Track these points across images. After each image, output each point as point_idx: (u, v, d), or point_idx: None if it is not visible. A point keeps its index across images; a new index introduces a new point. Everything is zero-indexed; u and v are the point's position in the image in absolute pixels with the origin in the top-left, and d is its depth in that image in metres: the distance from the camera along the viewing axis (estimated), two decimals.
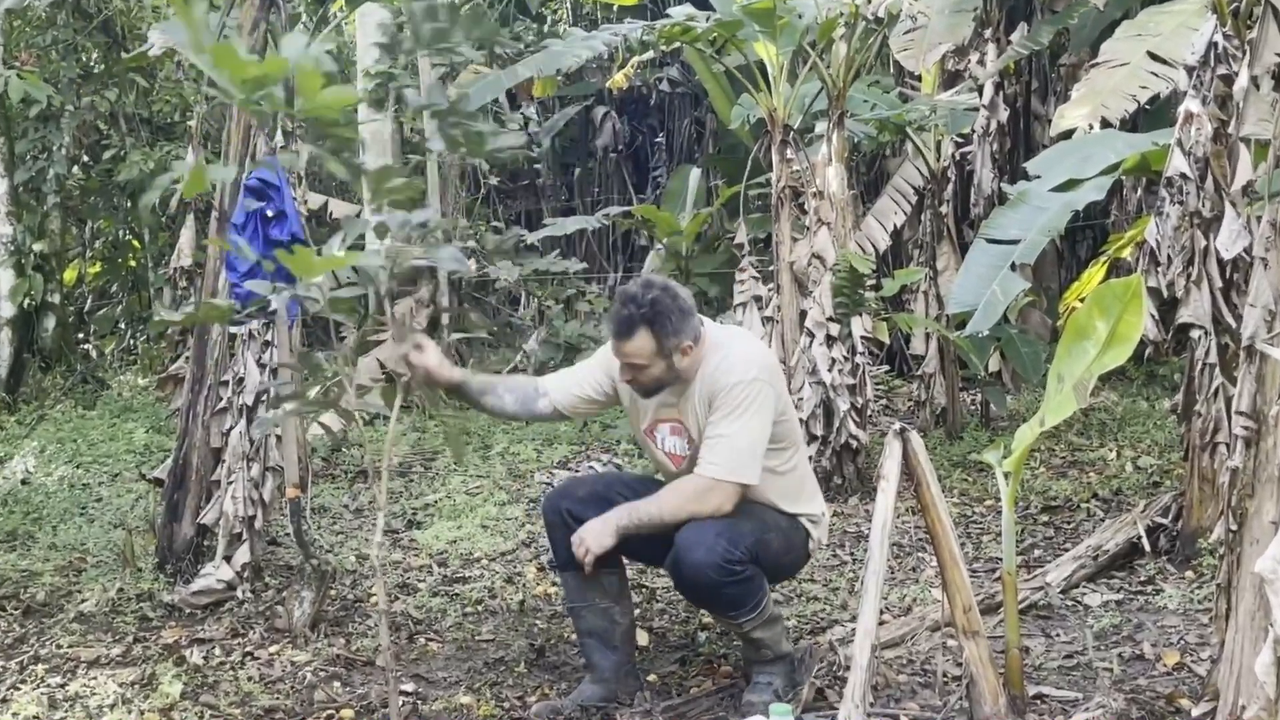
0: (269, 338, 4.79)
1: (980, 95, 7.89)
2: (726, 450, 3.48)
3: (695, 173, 10.31)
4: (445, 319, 9.12)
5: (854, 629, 3.23)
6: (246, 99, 2.31)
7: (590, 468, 6.86)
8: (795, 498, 3.69)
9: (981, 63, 8.11)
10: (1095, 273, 6.40)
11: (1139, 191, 8.08)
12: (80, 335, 10.41)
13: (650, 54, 11.58)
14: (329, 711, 3.68)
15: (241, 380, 4.77)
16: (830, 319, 6.10)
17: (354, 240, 2.91)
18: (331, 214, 9.59)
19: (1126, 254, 6.30)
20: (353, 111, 8.32)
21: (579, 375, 3.81)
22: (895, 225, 8.64)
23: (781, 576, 3.90)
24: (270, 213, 4.54)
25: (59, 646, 4.24)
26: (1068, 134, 6.13)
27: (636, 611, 4.36)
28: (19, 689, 3.86)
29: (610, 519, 3.51)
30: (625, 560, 3.83)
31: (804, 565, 3.93)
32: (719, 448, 3.49)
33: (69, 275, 10.53)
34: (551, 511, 3.71)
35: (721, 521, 3.45)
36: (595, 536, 3.49)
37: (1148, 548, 4.67)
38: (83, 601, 4.66)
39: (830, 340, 6.08)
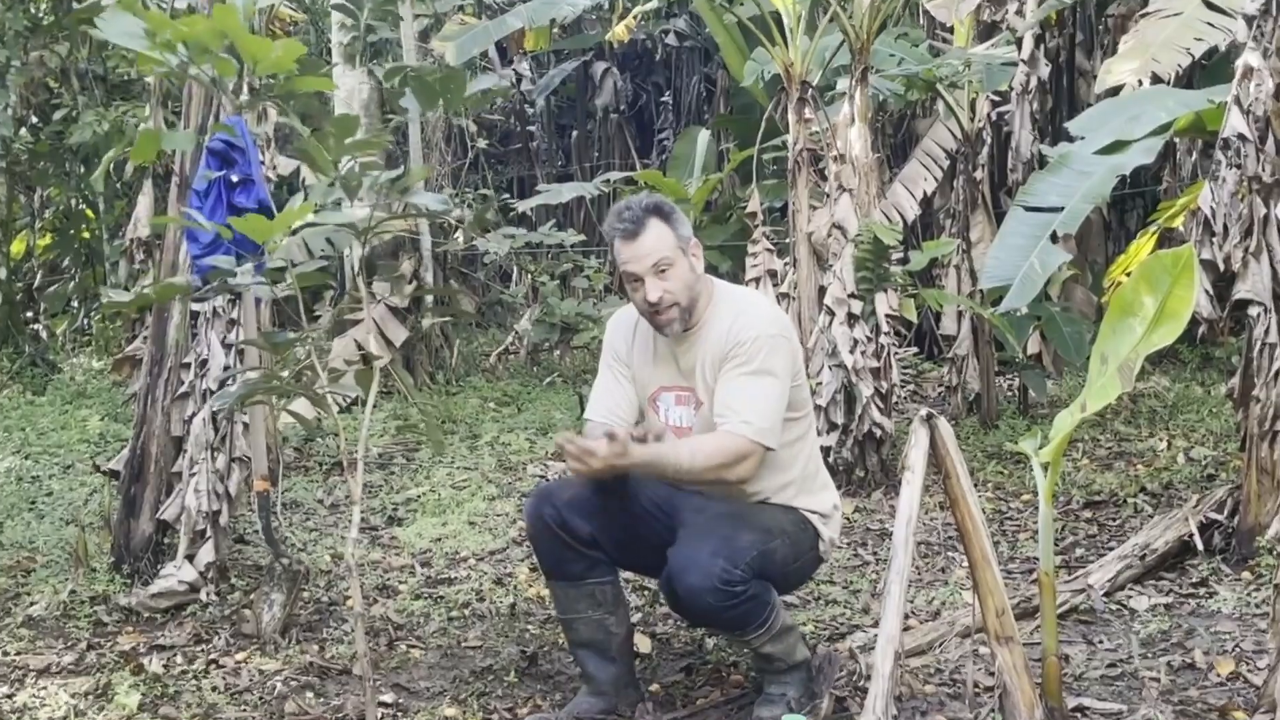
0: (235, 315, 4.80)
1: (1019, 49, 7.86)
2: (758, 407, 3.45)
3: (704, 135, 10.29)
4: (429, 297, 9.12)
5: (876, 635, 3.23)
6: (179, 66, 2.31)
7: None
8: (804, 487, 3.67)
9: (1020, 13, 8.06)
10: (1144, 244, 6.39)
11: (1193, 155, 8.06)
12: (29, 314, 10.43)
13: (655, 3, 11.55)
14: None
15: (205, 362, 4.77)
16: (852, 295, 6.10)
17: (319, 202, 2.90)
18: (304, 181, 9.59)
19: (1178, 223, 6.29)
20: (322, 66, 8.30)
21: (609, 387, 3.77)
22: (925, 192, 8.63)
23: (790, 587, 3.86)
24: (235, 178, 4.53)
25: (5, 654, 4.26)
26: (1115, 91, 6.11)
27: (636, 616, 4.37)
28: None
29: (633, 449, 3.39)
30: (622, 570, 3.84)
31: (815, 571, 3.92)
32: (751, 404, 3.45)
33: (16, 248, 10.55)
34: (534, 518, 3.68)
35: (717, 535, 3.42)
36: (606, 457, 3.35)
37: (1200, 546, 4.67)
38: (31, 605, 4.67)
39: (852, 319, 6.08)
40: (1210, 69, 7.43)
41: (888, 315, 6.15)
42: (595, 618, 3.70)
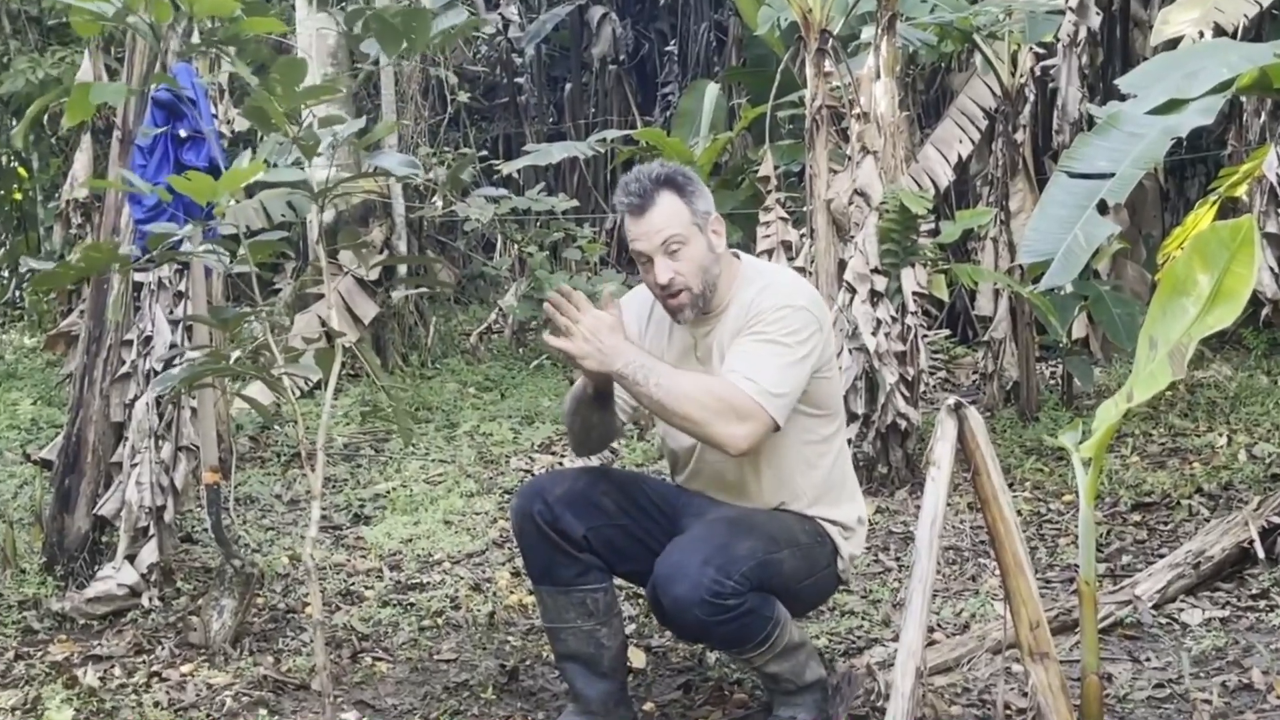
0: (182, 288, 4.80)
1: None
2: (767, 371, 3.38)
3: (713, 89, 10.28)
4: (402, 269, 9.12)
5: (897, 650, 3.24)
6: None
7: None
8: (827, 495, 3.67)
9: None
10: (1203, 215, 6.38)
11: (1261, 116, 8.04)
12: None
13: None
14: None
15: (149, 340, 4.78)
16: (875, 271, 6.10)
17: (270, 159, 2.90)
18: (262, 138, 9.58)
19: (1241, 192, 6.28)
20: (272, 8, 8.29)
21: None
22: (959, 156, 8.61)
23: (803, 607, 3.83)
24: (183, 133, 4.53)
25: None
26: (1173, 44, 6.12)
27: (631, 627, 4.39)
28: None
29: (621, 354, 3.35)
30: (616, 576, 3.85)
31: (833, 591, 3.90)
32: (759, 366, 3.39)
33: None
34: (522, 515, 3.68)
35: (712, 542, 3.40)
36: (592, 353, 3.33)
37: (1261, 554, 4.68)
38: None
39: (875, 297, 6.08)
40: (1279, 20, 7.43)
41: (915, 293, 6.15)
42: (586, 629, 3.71)
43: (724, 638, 3.44)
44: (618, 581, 3.84)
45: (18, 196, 10.36)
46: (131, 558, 4.72)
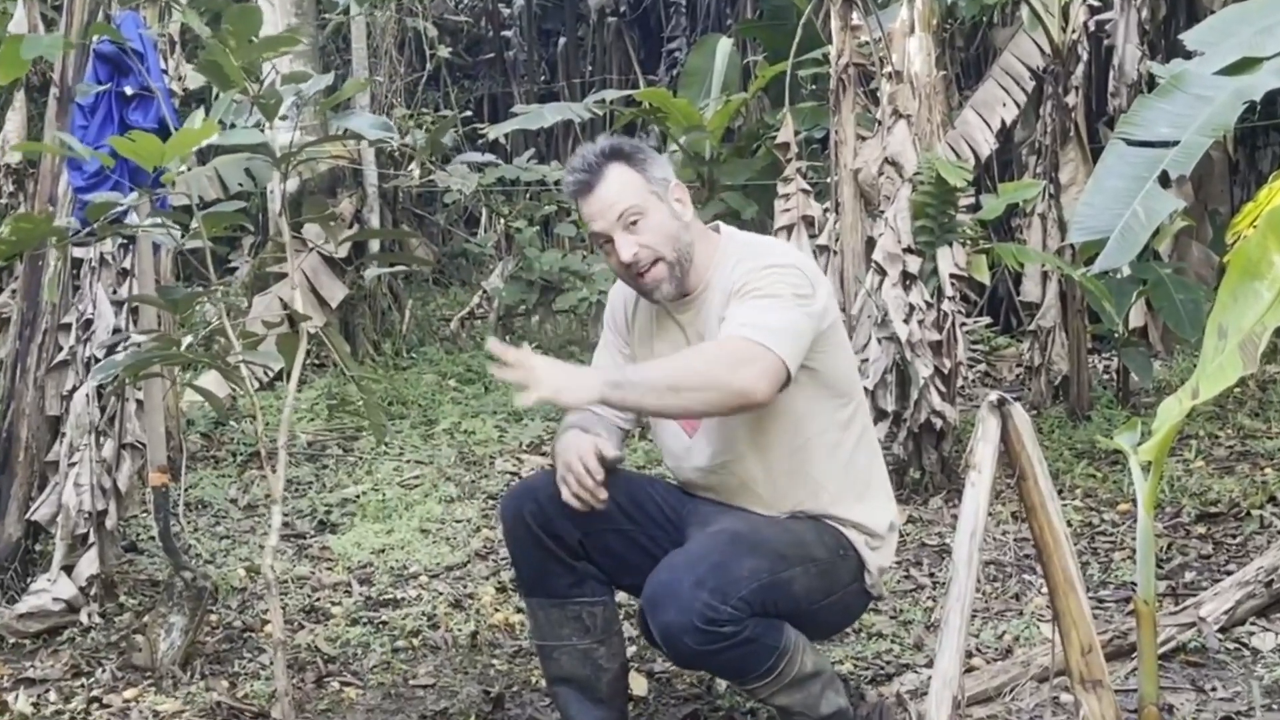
0: (127, 265, 4.79)
1: None
2: (765, 317, 3.38)
3: (725, 45, 10.27)
4: (374, 245, 9.11)
5: (931, 677, 3.24)
6: None
7: None
8: (850, 489, 3.64)
9: None
10: (1277, 189, 6.37)
11: None
12: None
13: None
14: None
15: (89, 323, 4.78)
16: (908, 250, 6.09)
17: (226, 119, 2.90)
18: (218, 96, 9.57)
19: None
20: None
21: (603, 364, 3.82)
22: (1002, 121, 8.59)
23: (825, 629, 3.81)
24: (129, 91, 4.52)
25: None
26: None
27: (630, 649, 4.39)
28: None
29: (595, 374, 3.35)
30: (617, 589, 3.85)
31: (861, 610, 3.87)
32: (747, 315, 3.39)
33: None
34: (512, 517, 3.68)
35: (709, 560, 3.37)
36: (566, 385, 3.29)
37: None
38: None
39: (908, 280, 6.07)
40: None
41: (953, 275, 6.14)
42: (582, 647, 3.71)
43: (722, 667, 3.44)
44: (619, 595, 3.85)
45: None
46: (69, 569, 4.71)
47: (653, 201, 3.55)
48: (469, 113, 11.45)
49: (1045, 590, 3.42)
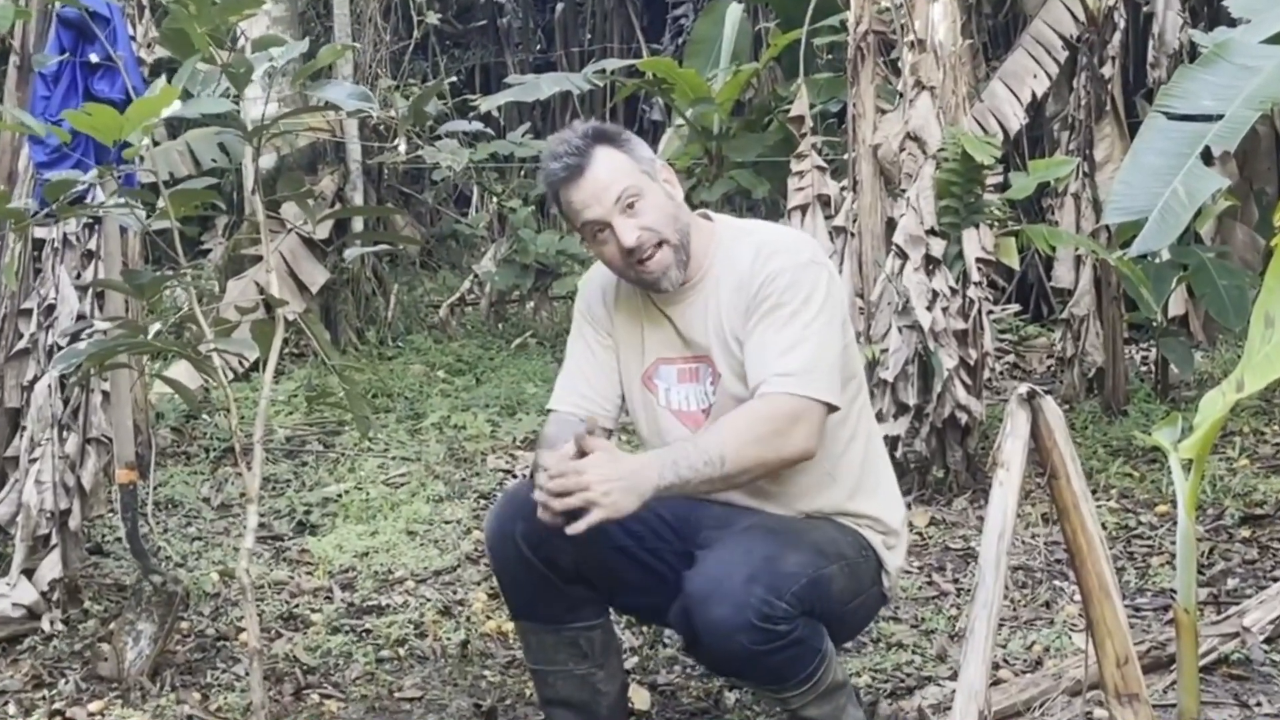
0: (92, 247, 4.79)
1: None
2: (800, 353, 3.43)
3: (735, 11, 10.24)
4: (357, 226, 9.10)
5: (955, 690, 3.24)
6: None
7: None
8: (866, 479, 3.66)
9: None
10: None
11: None
12: None
13: None
14: None
15: (51, 309, 4.77)
16: (931, 232, 6.09)
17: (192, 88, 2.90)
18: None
19: None
20: None
21: (581, 367, 3.77)
22: (1034, 94, 8.59)
23: (844, 635, 3.83)
24: (94, 59, 4.52)
25: None
26: None
27: (632, 660, 4.39)
28: None
29: (649, 468, 3.32)
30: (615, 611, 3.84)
31: (875, 615, 3.92)
32: (789, 351, 3.44)
33: None
34: (499, 538, 3.63)
35: (756, 554, 3.38)
36: (624, 498, 3.27)
37: None
38: None
39: (931, 264, 6.07)
40: None
41: (979, 259, 6.14)
42: (579, 672, 3.70)
43: (767, 671, 3.41)
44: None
45: None
46: (30, 572, 4.71)
47: (645, 181, 3.55)
48: (455, 79, 11.42)
49: (1078, 598, 3.42)
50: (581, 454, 3.31)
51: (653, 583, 3.58)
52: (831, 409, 3.45)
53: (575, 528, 3.27)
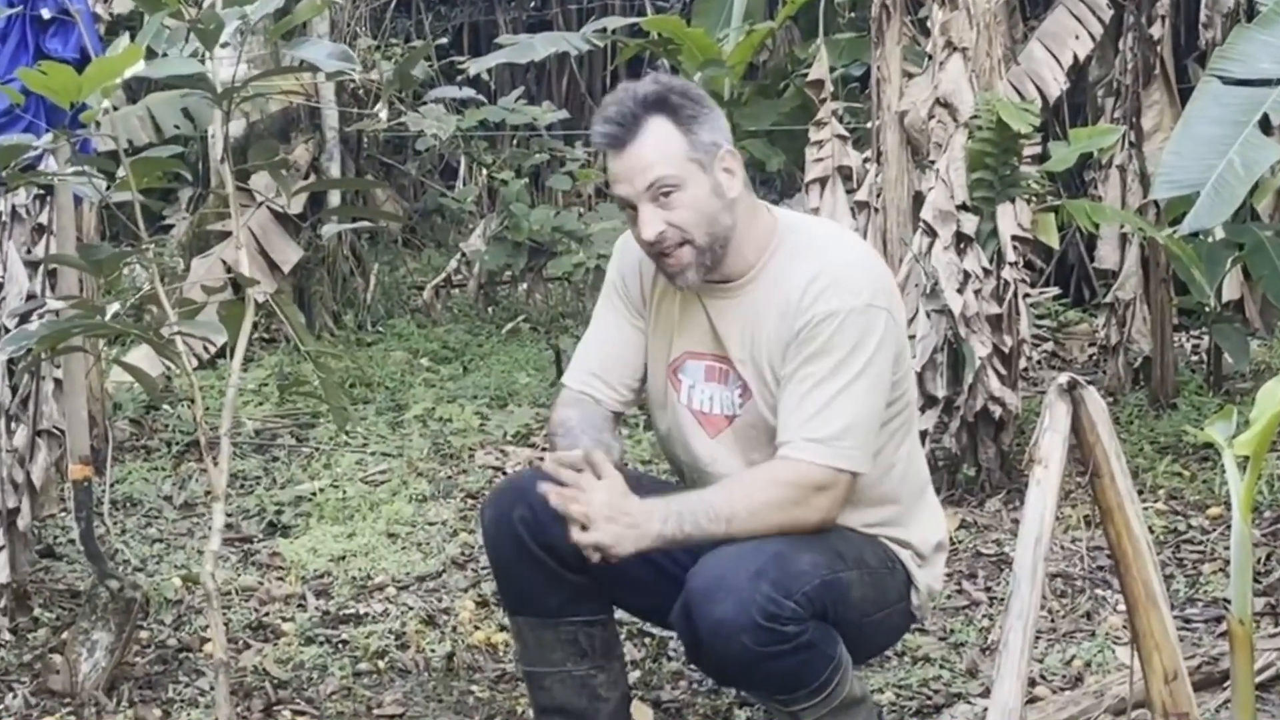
0: (44, 220, 4.78)
1: None
2: (836, 418, 3.45)
3: None
4: (334, 199, 9.09)
5: (987, 709, 3.24)
6: None
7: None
8: (898, 510, 3.67)
9: None
10: None
11: None
12: None
13: None
14: None
15: (0, 286, 4.78)
16: (963, 207, 6.08)
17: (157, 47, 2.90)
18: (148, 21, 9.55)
19: None
20: None
21: (607, 338, 3.78)
22: (1075, 57, 8.57)
23: (865, 650, 3.83)
24: (46, 13, 4.51)
25: None
26: None
27: (634, 674, 4.39)
28: None
29: (653, 515, 3.41)
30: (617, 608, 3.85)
31: (901, 636, 3.96)
32: (825, 414, 3.45)
33: None
34: (498, 522, 3.67)
35: (765, 551, 3.39)
36: (625, 534, 3.39)
37: None
38: None
39: (963, 242, 6.06)
40: None
41: (1015, 238, 6.13)
42: (577, 674, 3.71)
43: (773, 678, 3.42)
44: (618, 613, 3.84)
45: None
46: None
47: (693, 172, 3.50)
48: (442, 39, 11.41)
49: (1122, 608, 3.42)
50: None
51: (657, 582, 3.60)
52: (856, 474, 3.49)
53: (577, 537, 3.38)
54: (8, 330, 4.66)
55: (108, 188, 3.83)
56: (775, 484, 3.46)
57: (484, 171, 10.00)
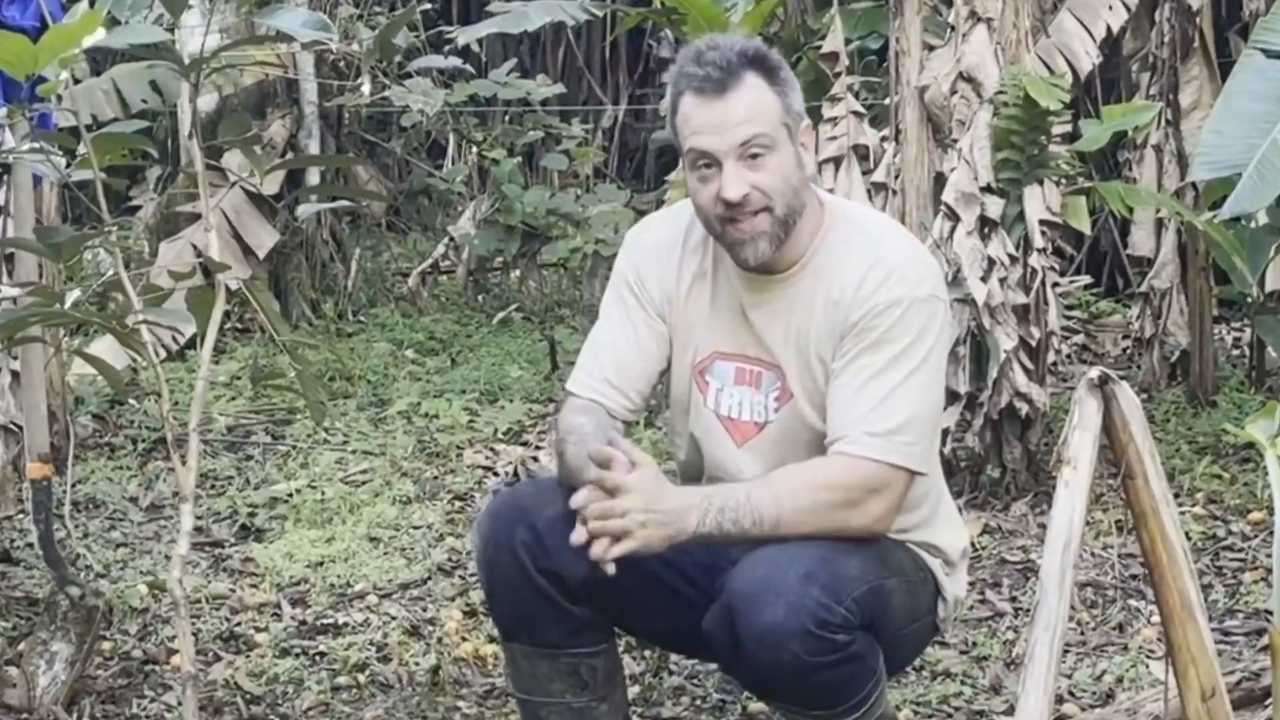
0: (0, 200, 4.78)
1: None
2: (896, 412, 3.42)
3: None
4: (313, 179, 9.09)
5: None
6: None
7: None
8: (926, 514, 3.65)
9: None
10: None
11: None
12: None
13: None
14: None
15: None
16: (988, 189, 6.08)
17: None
18: None
19: None
20: None
21: (619, 339, 3.69)
22: (1109, 28, 8.56)
23: (893, 665, 3.75)
24: None
25: None
26: None
27: (633, 689, 4.38)
28: None
29: (691, 510, 3.34)
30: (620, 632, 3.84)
31: (926, 647, 3.95)
32: (884, 408, 3.42)
33: None
34: (495, 545, 3.58)
35: (811, 554, 3.34)
36: (654, 535, 3.32)
37: None
38: None
39: (987, 227, 6.06)
40: None
41: (1044, 222, 6.13)
42: (577, 706, 3.67)
43: (817, 691, 3.36)
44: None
45: None
46: None
47: (783, 137, 3.46)
48: (429, 7, 11.39)
49: (1156, 619, 3.41)
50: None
51: (671, 606, 3.56)
52: (914, 473, 3.46)
53: (607, 563, 3.30)
54: None
55: (68, 166, 3.82)
56: (828, 484, 3.41)
57: (474, 150, 10.00)
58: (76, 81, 6.60)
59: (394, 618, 5.10)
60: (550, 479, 3.69)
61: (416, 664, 4.73)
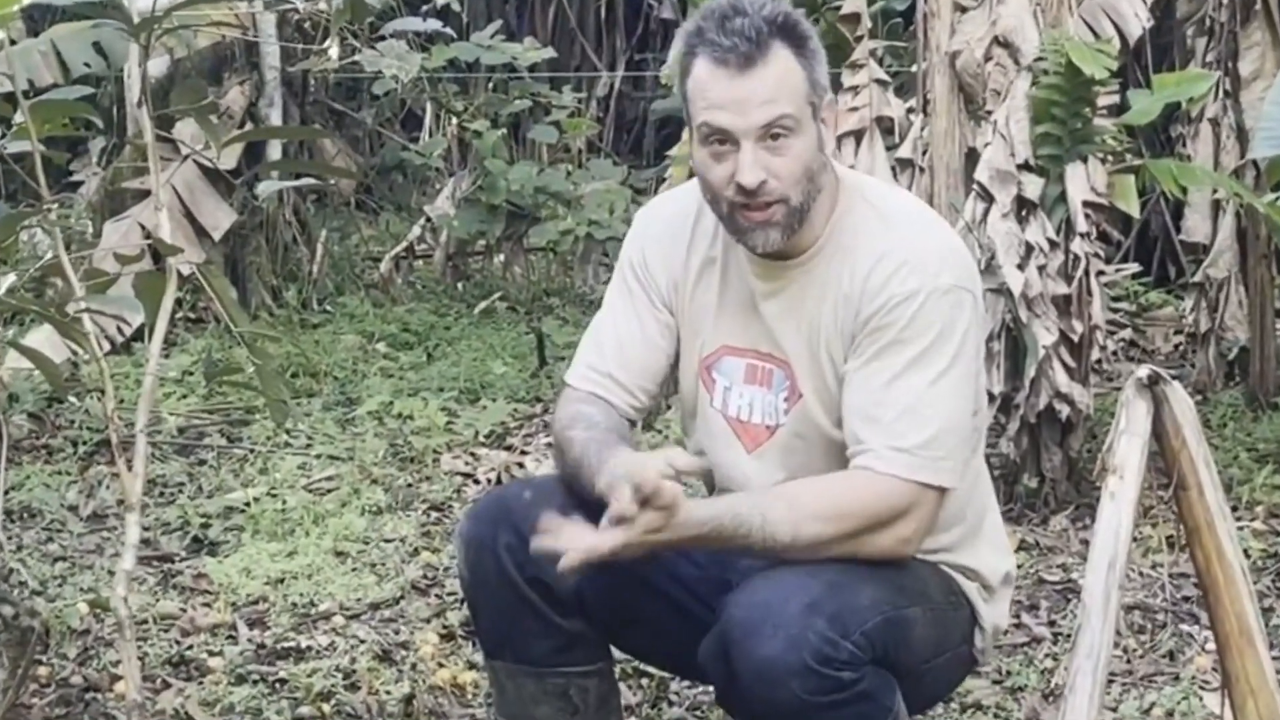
0: None
1: None
2: (925, 422, 3.40)
3: None
4: (274, 152, 9.10)
5: None
6: None
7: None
8: (964, 532, 3.64)
9: None
10: None
11: None
12: None
13: None
14: None
15: None
16: (1026, 167, 6.08)
17: None
18: None
19: None
20: None
21: (623, 331, 3.69)
22: None
23: (922, 699, 3.78)
24: None
25: None
26: None
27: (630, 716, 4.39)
28: None
29: (691, 512, 3.29)
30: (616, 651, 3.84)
31: (961, 680, 3.93)
32: (912, 416, 3.40)
33: None
34: (478, 549, 3.60)
35: (818, 578, 3.34)
36: (667, 538, 3.31)
37: None
38: None
39: (1025, 208, 6.07)
40: None
41: (1087, 204, 6.13)
42: None
43: None
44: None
45: None
46: None
47: (807, 117, 3.43)
48: None
49: (1211, 645, 3.42)
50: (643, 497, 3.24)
51: (671, 621, 3.57)
52: (944, 490, 3.43)
53: (565, 567, 3.26)
54: None
55: (3, 137, 3.83)
56: (852, 506, 3.38)
57: (454, 121, 10.00)
58: (13, 43, 6.59)
59: (363, 641, 5.10)
60: (546, 477, 3.68)
61: (388, 693, 4.73)
